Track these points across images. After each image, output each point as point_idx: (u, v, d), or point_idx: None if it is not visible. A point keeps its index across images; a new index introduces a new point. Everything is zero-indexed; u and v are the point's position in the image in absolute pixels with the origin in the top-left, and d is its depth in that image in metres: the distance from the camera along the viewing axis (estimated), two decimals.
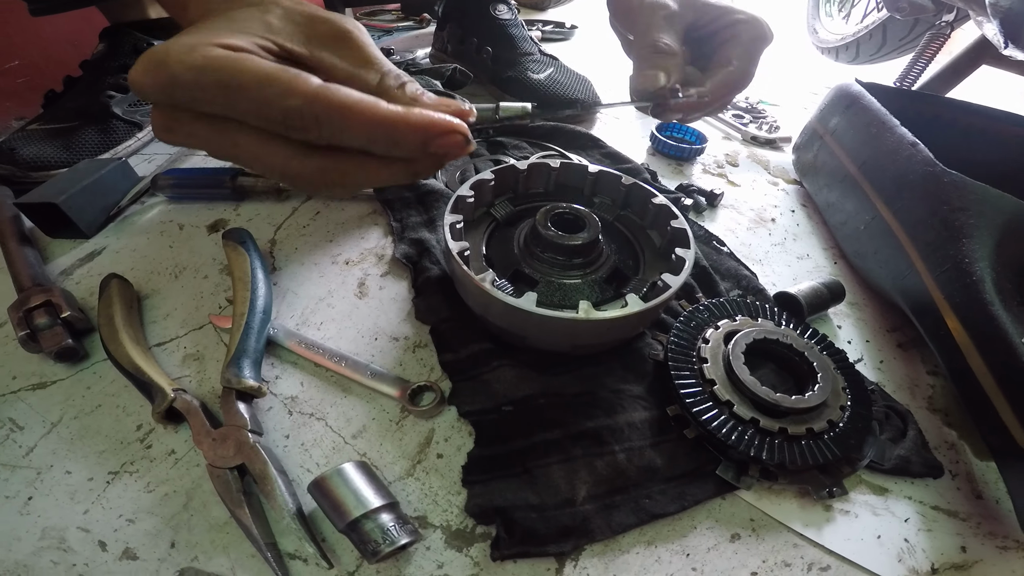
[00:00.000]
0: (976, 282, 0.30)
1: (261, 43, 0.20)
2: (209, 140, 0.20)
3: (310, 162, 0.20)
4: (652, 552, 0.26)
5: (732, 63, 0.31)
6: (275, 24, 0.20)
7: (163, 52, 0.18)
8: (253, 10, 0.21)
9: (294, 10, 0.21)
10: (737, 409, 0.27)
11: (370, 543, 0.23)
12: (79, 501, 0.26)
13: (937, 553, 0.26)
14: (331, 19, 0.21)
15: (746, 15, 0.32)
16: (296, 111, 0.18)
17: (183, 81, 0.18)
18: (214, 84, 0.18)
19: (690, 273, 0.29)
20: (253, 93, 0.18)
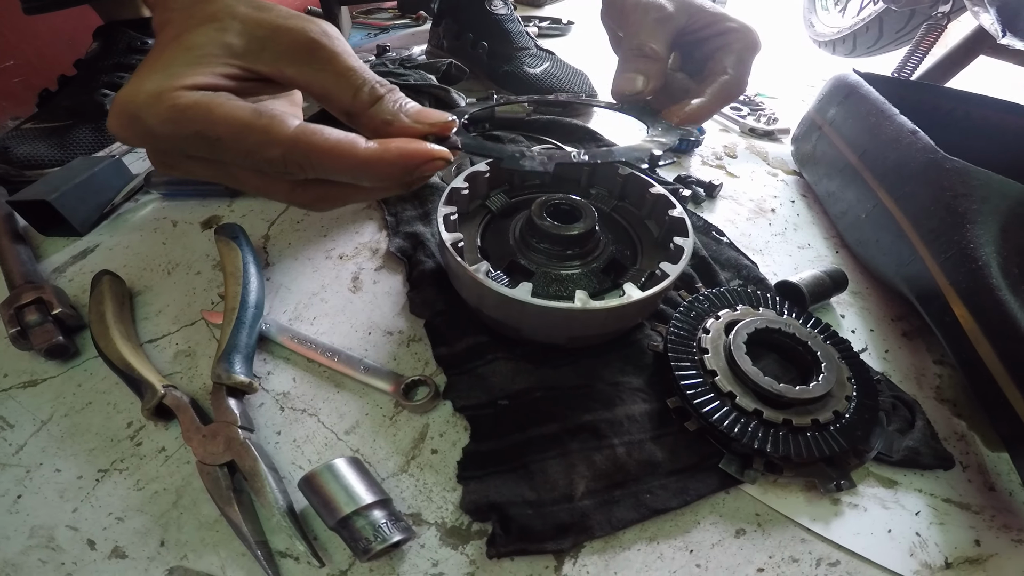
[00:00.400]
0: (982, 267, 0.29)
1: (226, 71, 0.19)
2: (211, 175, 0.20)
3: (310, 192, 0.21)
4: (654, 548, 0.25)
5: (728, 71, 0.31)
6: (235, 44, 0.19)
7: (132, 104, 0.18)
8: (209, 29, 0.19)
9: (253, 21, 0.20)
10: (740, 400, 0.27)
11: (361, 540, 0.22)
12: (68, 499, 0.26)
13: (950, 547, 0.26)
14: (295, 28, 0.20)
15: (738, 23, 0.31)
16: (279, 159, 0.18)
17: (161, 134, 0.18)
18: (193, 136, 0.18)
19: (689, 262, 0.29)
20: (232, 144, 0.18)
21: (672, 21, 0.30)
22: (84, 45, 0.53)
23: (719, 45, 0.31)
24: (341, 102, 0.20)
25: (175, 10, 0.20)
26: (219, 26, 0.19)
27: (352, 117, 0.21)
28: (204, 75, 0.18)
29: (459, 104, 0.49)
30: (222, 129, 0.18)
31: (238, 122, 0.18)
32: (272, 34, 0.20)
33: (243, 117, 0.18)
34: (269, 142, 0.18)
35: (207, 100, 0.18)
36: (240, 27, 0.20)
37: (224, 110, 0.18)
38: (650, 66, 0.30)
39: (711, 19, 0.31)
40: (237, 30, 0.19)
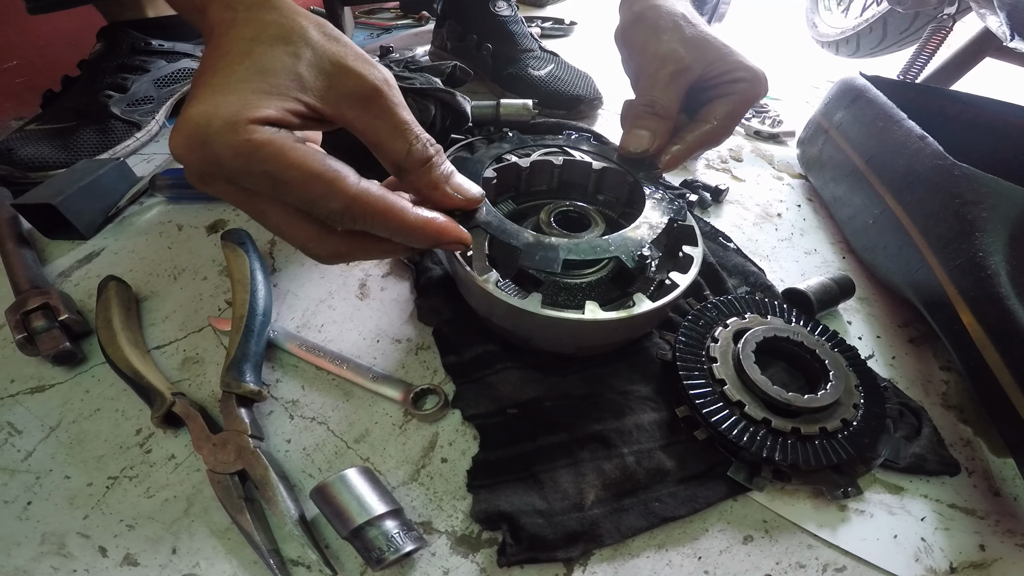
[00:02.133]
0: (991, 276, 0.29)
1: (293, 108, 0.19)
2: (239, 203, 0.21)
3: (329, 242, 0.22)
4: (663, 556, 0.25)
5: (713, 121, 0.31)
6: (306, 78, 0.20)
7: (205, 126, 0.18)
8: (283, 52, 0.19)
9: (325, 54, 0.20)
10: (748, 409, 0.27)
11: (374, 551, 0.22)
12: (79, 506, 0.26)
13: (955, 552, 0.26)
14: (361, 73, 0.20)
15: (749, 73, 0.30)
16: (336, 212, 0.20)
17: (229, 165, 0.18)
18: (261, 174, 0.19)
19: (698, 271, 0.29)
20: (297, 190, 0.19)
21: (688, 74, 0.30)
22: (88, 46, 0.52)
23: (722, 93, 0.31)
24: (393, 155, 0.22)
25: (239, 10, 0.20)
26: (292, 51, 0.20)
27: (401, 172, 0.22)
28: (274, 108, 0.19)
29: (464, 108, 0.48)
30: (293, 175, 0.19)
31: (309, 172, 0.19)
32: (339, 73, 0.20)
33: (314, 168, 0.19)
34: (334, 195, 0.19)
35: (280, 142, 0.18)
36: (312, 57, 0.20)
37: (297, 156, 0.19)
38: (659, 125, 0.30)
39: (725, 68, 0.30)
40: (309, 60, 0.20)
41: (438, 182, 0.23)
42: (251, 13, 0.20)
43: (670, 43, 0.30)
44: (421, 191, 0.23)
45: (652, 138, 0.30)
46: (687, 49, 0.30)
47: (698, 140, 0.31)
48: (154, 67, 0.53)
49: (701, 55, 0.30)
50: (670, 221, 0.28)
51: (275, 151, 0.18)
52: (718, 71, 0.30)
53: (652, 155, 0.31)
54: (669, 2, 0.32)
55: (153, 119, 0.54)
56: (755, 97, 0.31)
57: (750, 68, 0.31)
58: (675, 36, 0.30)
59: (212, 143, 0.18)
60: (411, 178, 0.23)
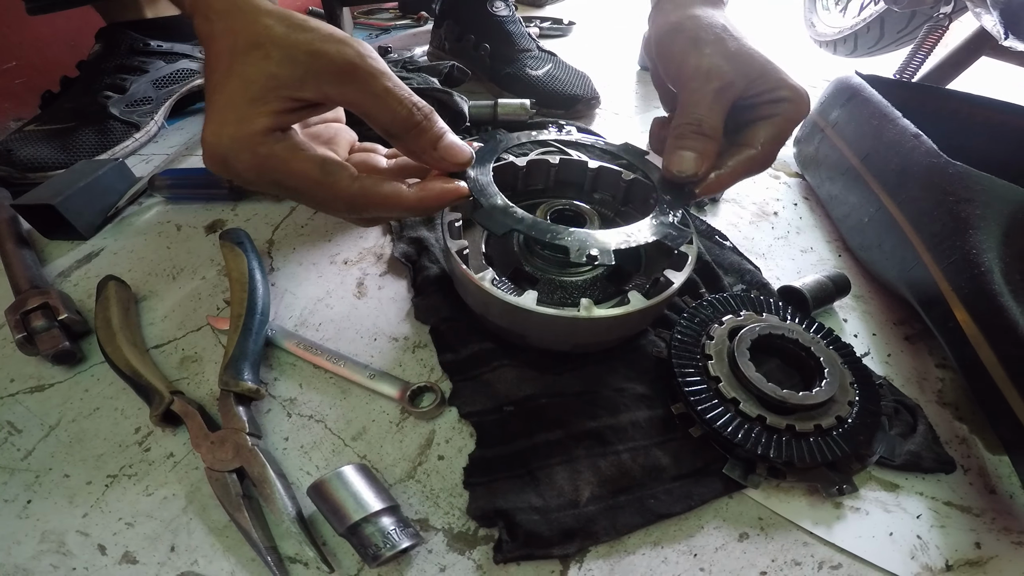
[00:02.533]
0: (984, 273, 0.29)
1: (281, 106, 0.21)
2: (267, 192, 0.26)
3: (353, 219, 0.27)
4: (658, 553, 0.25)
5: (757, 147, 0.28)
6: (280, 75, 0.21)
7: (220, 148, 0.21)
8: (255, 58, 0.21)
9: (294, 46, 0.21)
10: (743, 406, 0.27)
11: (371, 547, 0.22)
12: (78, 504, 0.26)
13: (951, 549, 0.26)
14: (331, 52, 0.21)
15: (792, 92, 0.28)
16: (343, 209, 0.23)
17: (246, 179, 0.22)
18: (271, 184, 0.22)
19: (693, 269, 0.29)
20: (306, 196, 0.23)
21: (731, 90, 0.28)
22: (86, 46, 0.53)
23: (765, 114, 0.29)
24: (381, 123, 0.23)
25: (215, 21, 0.22)
26: (263, 54, 0.21)
27: (391, 137, 0.24)
28: (266, 115, 0.21)
29: (462, 107, 0.49)
30: (296, 183, 0.22)
31: (309, 178, 0.22)
32: (311, 58, 0.21)
33: (314, 176, 0.22)
34: (334, 197, 0.23)
35: (282, 153, 0.22)
36: (280, 54, 0.21)
37: (297, 166, 0.22)
38: (707, 146, 0.28)
39: (767, 86, 0.28)
40: (278, 58, 0.21)
41: (426, 147, 0.24)
42: (224, 23, 0.22)
43: (713, 57, 0.27)
44: (412, 155, 0.25)
45: (699, 160, 0.28)
46: (731, 64, 0.27)
47: (742, 166, 0.29)
48: (153, 68, 0.54)
49: (744, 71, 0.28)
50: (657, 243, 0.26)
51: (278, 163, 0.21)
52: (760, 89, 0.28)
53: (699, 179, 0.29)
54: (708, 12, 0.30)
55: (152, 120, 0.54)
56: (798, 118, 0.29)
57: (793, 87, 0.29)
58: (718, 50, 0.28)
59: (229, 162, 0.21)
60: (400, 144, 0.24)
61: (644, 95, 0.68)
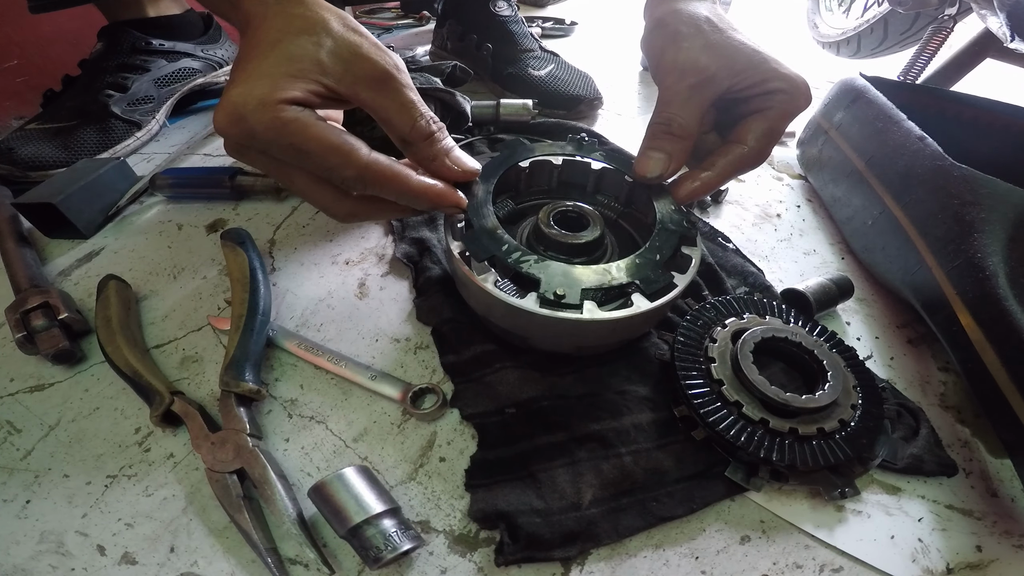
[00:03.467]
0: (989, 277, 0.29)
1: (315, 89, 0.22)
2: (270, 170, 0.24)
3: (345, 204, 0.25)
4: (660, 555, 0.25)
5: (748, 143, 0.27)
6: (326, 63, 0.22)
7: (242, 105, 0.21)
8: (307, 41, 0.22)
9: (343, 41, 0.23)
10: (746, 409, 0.27)
11: (372, 549, 0.22)
12: (77, 505, 0.26)
13: (952, 553, 0.26)
14: (374, 59, 0.23)
15: (786, 82, 0.27)
16: (350, 179, 0.23)
17: (262, 138, 0.22)
18: (287, 146, 0.22)
19: (696, 271, 0.29)
20: (318, 160, 0.22)
21: (711, 86, 0.26)
22: (88, 45, 0.52)
23: (757, 107, 0.27)
24: (400, 130, 0.24)
25: (270, 4, 0.23)
26: (315, 40, 0.22)
27: (406, 144, 0.25)
28: (299, 90, 0.22)
29: (464, 108, 0.48)
30: (314, 146, 0.22)
31: (328, 144, 0.22)
32: (356, 59, 0.23)
33: (331, 140, 0.22)
34: (348, 164, 0.23)
35: (304, 119, 0.22)
36: (332, 45, 0.22)
37: (317, 131, 0.22)
38: (675, 146, 0.27)
39: (758, 78, 0.27)
40: (329, 48, 0.22)
41: (438, 154, 0.25)
42: (280, 7, 0.23)
43: (690, 51, 0.26)
44: (423, 162, 0.26)
45: (667, 161, 0.27)
46: (710, 57, 0.26)
47: (731, 165, 0.27)
48: (154, 67, 0.54)
49: (727, 63, 0.26)
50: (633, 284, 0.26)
51: (299, 127, 0.21)
52: (749, 82, 0.27)
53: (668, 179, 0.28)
54: (693, 5, 0.28)
55: (153, 119, 0.54)
56: (795, 110, 0.27)
57: (787, 76, 0.27)
58: (696, 43, 0.27)
59: (247, 119, 0.21)
60: (414, 150, 0.25)
61: (647, 95, 0.67)
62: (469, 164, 0.27)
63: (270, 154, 0.23)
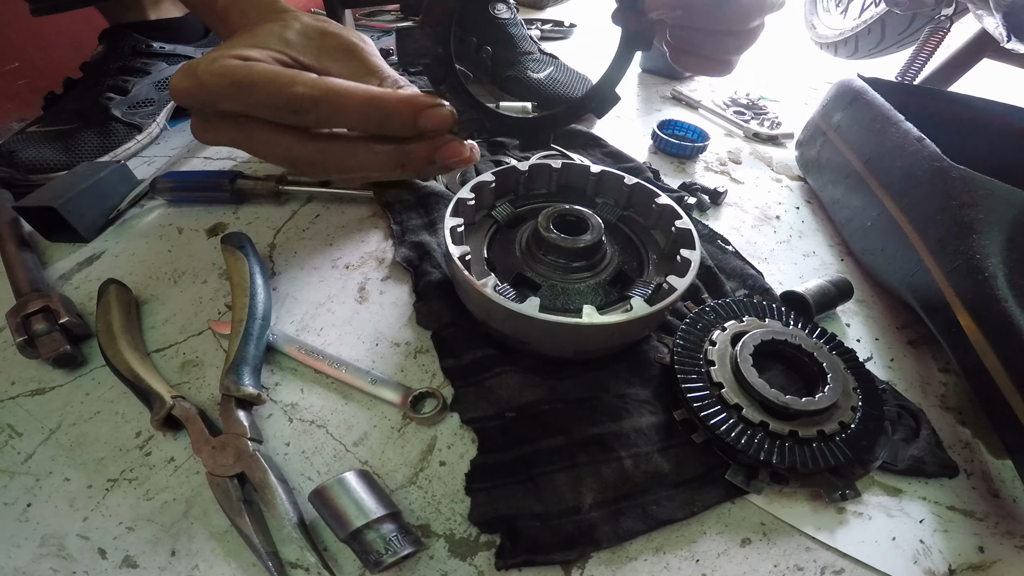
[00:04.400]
0: (988, 278, 0.29)
1: (276, 56, 0.23)
2: (231, 135, 0.24)
3: (311, 145, 0.23)
4: (660, 559, 0.25)
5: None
6: (291, 39, 0.23)
7: (195, 63, 0.22)
8: (274, 25, 0.24)
9: (310, 25, 0.24)
10: (746, 412, 0.27)
11: (372, 553, 0.22)
12: (78, 508, 0.26)
13: (954, 554, 0.26)
14: (340, 33, 0.24)
15: None
16: (298, 96, 0.21)
17: (207, 84, 0.22)
18: (230, 84, 0.22)
19: (695, 274, 0.29)
20: (262, 87, 0.21)
21: None
22: (89, 48, 0.53)
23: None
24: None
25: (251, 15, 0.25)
26: (283, 24, 0.24)
27: None
28: (257, 52, 0.22)
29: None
30: (257, 76, 0.21)
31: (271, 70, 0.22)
32: (321, 36, 0.24)
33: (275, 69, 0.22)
34: (293, 82, 0.21)
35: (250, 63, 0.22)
36: (299, 27, 0.24)
37: (260, 66, 0.22)
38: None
39: None
40: (296, 29, 0.24)
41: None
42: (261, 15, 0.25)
43: None
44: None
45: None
46: None
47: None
48: (155, 69, 0.54)
49: None
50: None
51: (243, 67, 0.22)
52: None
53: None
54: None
55: (154, 121, 0.54)
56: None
57: None
58: None
59: (196, 72, 0.22)
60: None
61: (645, 98, 0.68)
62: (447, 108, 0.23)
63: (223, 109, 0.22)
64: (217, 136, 0.24)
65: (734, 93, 0.67)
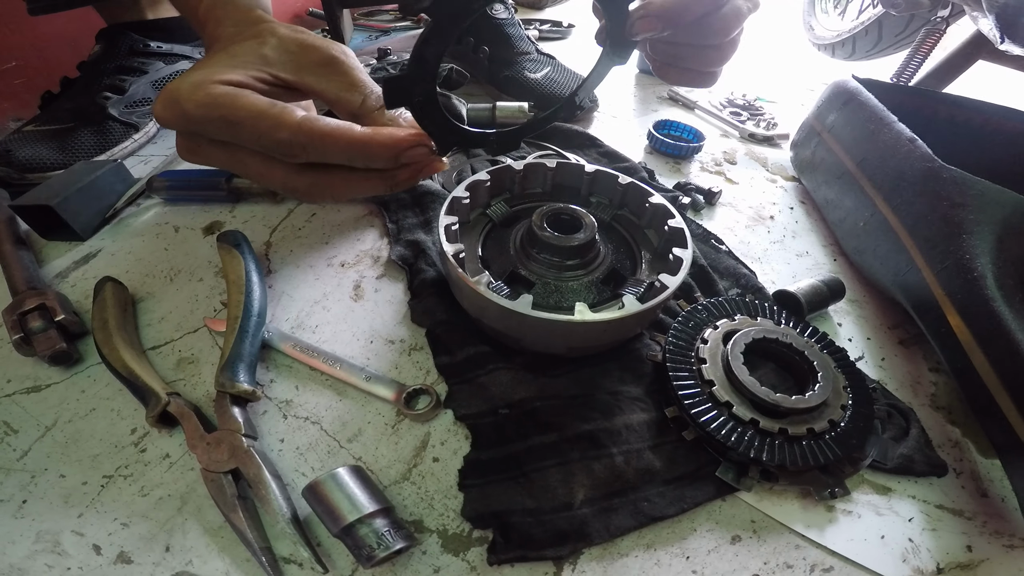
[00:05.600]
0: (977, 278, 0.29)
1: (256, 75, 0.23)
2: (222, 161, 0.24)
3: (304, 178, 0.24)
4: (651, 555, 0.25)
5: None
6: (270, 56, 0.23)
7: (176, 90, 0.21)
8: (252, 43, 0.23)
9: (288, 39, 0.24)
10: (736, 410, 0.27)
11: (365, 548, 0.22)
12: (73, 505, 0.26)
13: (942, 552, 0.26)
14: (320, 47, 0.23)
15: None
16: (285, 142, 0.22)
17: (193, 117, 0.21)
18: (218, 119, 0.21)
19: (688, 273, 0.29)
20: (249, 127, 0.22)
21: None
22: (87, 47, 0.53)
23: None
24: (350, 106, 0.24)
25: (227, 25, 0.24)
26: (260, 41, 0.23)
27: (358, 119, 0.25)
28: (237, 75, 0.22)
29: (460, 111, 0.49)
30: (243, 114, 0.21)
31: (256, 109, 0.21)
32: (301, 49, 0.24)
33: (260, 106, 0.22)
34: (279, 126, 0.22)
35: (234, 92, 0.22)
36: (277, 42, 0.23)
37: (246, 100, 0.22)
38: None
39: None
40: (274, 44, 0.23)
41: (393, 119, 0.25)
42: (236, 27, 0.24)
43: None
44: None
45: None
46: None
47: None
48: (152, 69, 0.54)
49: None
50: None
51: (228, 99, 0.21)
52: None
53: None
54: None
55: (151, 121, 0.54)
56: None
57: None
58: None
59: (180, 101, 0.21)
60: (367, 122, 0.25)
61: (642, 98, 0.68)
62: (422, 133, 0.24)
63: (209, 136, 0.22)
64: (207, 160, 0.24)
65: (731, 94, 0.67)
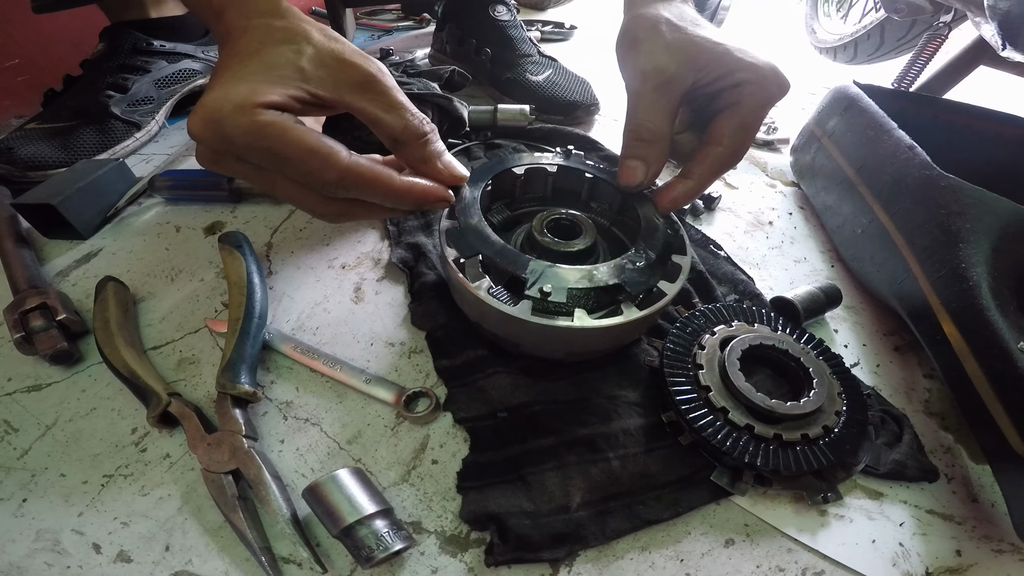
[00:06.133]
0: (973, 287, 0.30)
1: (296, 95, 0.22)
2: (251, 178, 0.24)
3: (333, 206, 0.25)
4: (646, 558, 0.26)
5: (723, 143, 0.27)
6: (307, 70, 0.22)
7: (218, 111, 0.20)
8: (287, 50, 0.22)
9: (325, 50, 0.23)
10: (732, 415, 0.27)
11: (364, 549, 0.23)
12: (73, 503, 0.27)
13: (932, 557, 0.26)
14: (358, 64, 0.23)
15: (753, 73, 0.26)
16: (331, 183, 0.22)
17: (238, 144, 0.21)
18: (266, 151, 0.21)
19: (686, 279, 0.29)
20: (297, 165, 0.22)
21: (675, 85, 0.26)
22: (90, 45, 0.53)
23: (729, 102, 0.27)
24: (391, 130, 0.24)
25: (252, 17, 0.23)
26: (296, 48, 0.22)
27: (397, 145, 0.25)
28: (279, 95, 0.21)
29: (461, 113, 0.49)
30: (292, 151, 0.21)
31: (306, 146, 0.21)
32: (338, 65, 0.23)
33: (309, 143, 0.21)
34: (328, 167, 0.22)
35: (282, 122, 0.21)
36: (313, 53, 0.23)
37: (295, 134, 0.21)
38: (649, 151, 0.28)
39: (723, 70, 0.26)
40: (310, 55, 0.22)
41: (430, 157, 0.25)
42: (262, 20, 0.23)
43: (650, 53, 0.27)
44: (414, 163, 0.25)
45: (645, 167, 0.28)
46: (670, 57, 0.26)
47: (710, 170, 0.28)
48: (155, 67, 0.54)
49: (688, 60, 0.26)
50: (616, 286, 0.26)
51: (277, 131, 0.21)
52: (714, 75, 0.26)
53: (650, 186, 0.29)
54: (655, 7, 0.28)
55: (153, 120, 0.54)
56: (767, 100, 0.27)
57: (752, 66, 0.26)
58: (655, 44, 0.27)
59: (224, 124, 0.20)
60: (406, 151, 0.25)
61: None
62: (459, 170, 0.27)
63: (248, 160, 0.22)
64: (230, 172, 0.23)
65: None
